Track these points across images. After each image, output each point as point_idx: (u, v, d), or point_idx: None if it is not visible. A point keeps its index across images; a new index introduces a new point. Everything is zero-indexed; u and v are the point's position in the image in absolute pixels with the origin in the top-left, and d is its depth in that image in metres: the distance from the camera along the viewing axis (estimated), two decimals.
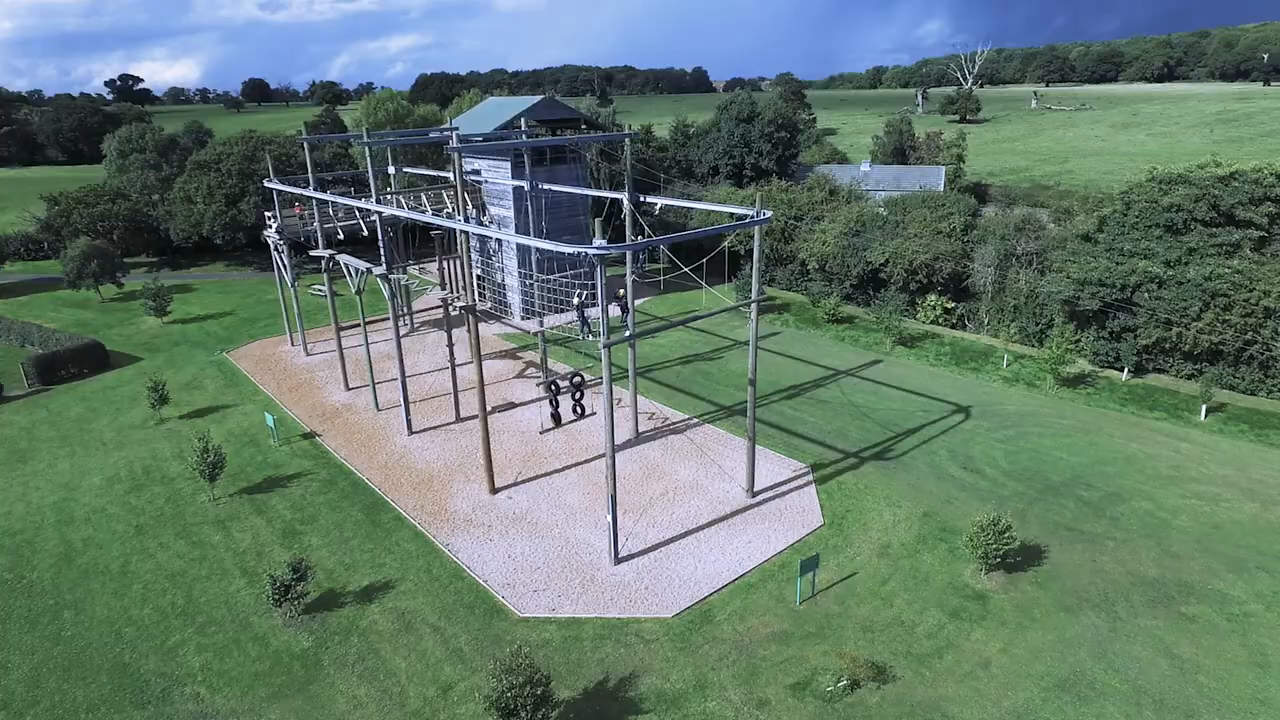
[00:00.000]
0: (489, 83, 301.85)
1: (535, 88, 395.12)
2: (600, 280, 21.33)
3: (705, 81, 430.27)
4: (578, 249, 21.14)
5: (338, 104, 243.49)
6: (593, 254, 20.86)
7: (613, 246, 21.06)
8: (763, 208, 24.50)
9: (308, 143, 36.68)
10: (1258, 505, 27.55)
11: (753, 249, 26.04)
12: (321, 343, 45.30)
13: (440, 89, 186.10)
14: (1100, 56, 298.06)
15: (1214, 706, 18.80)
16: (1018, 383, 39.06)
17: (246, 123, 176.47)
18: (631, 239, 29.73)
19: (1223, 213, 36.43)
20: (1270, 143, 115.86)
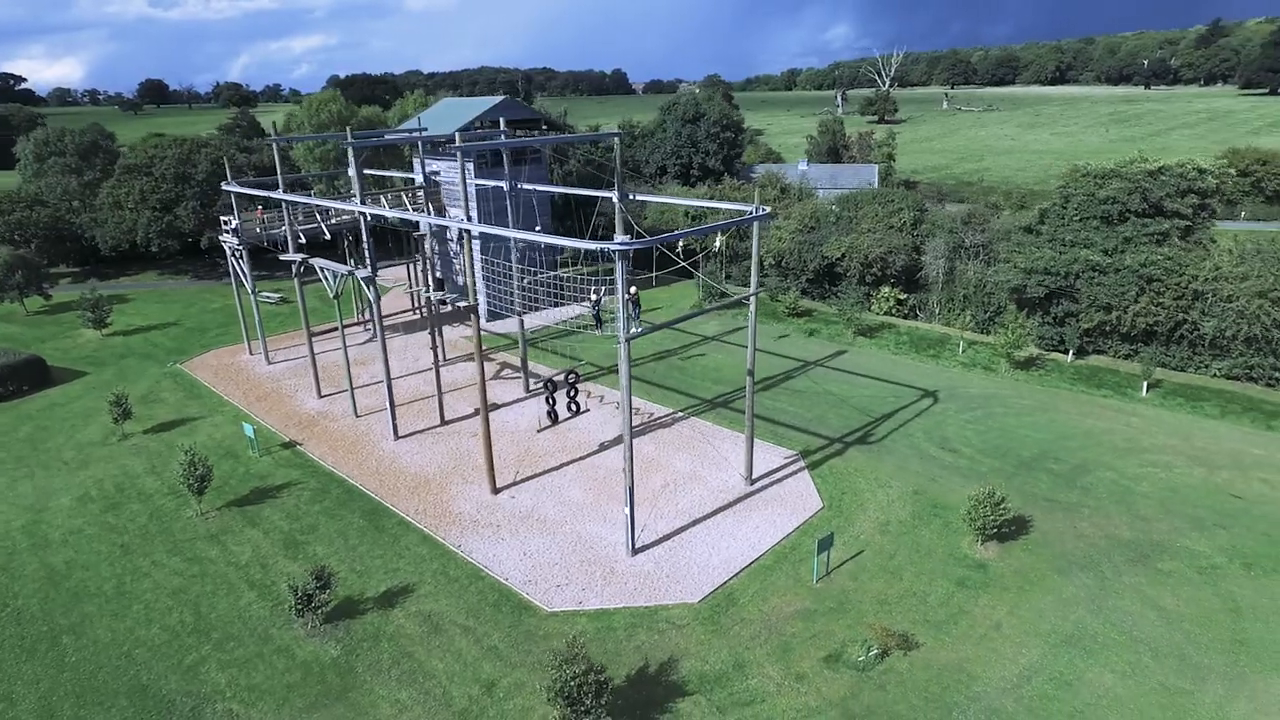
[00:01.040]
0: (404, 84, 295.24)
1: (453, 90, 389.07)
2: (621, 276, 21.74)
3: (625, 83, 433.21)
4: (600, 245, 21.50)
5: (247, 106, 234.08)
6: (615, 250, 21.26)
7: (635, 243, 21.52)
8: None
9: (277, 143, 35.49)
10: (1205, 470, 30.15)
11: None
12: (282, 350, 43.92)
13: (362, 90, 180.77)
14: (998, 60, 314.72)
15: (1201, 650, 20.67)
16: (975, 367, 41.35)
17: (149, 125, 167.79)
18: (623, 237, 30.17)
19: (1152, 204, 39.54)
20: (1160, 141, 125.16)
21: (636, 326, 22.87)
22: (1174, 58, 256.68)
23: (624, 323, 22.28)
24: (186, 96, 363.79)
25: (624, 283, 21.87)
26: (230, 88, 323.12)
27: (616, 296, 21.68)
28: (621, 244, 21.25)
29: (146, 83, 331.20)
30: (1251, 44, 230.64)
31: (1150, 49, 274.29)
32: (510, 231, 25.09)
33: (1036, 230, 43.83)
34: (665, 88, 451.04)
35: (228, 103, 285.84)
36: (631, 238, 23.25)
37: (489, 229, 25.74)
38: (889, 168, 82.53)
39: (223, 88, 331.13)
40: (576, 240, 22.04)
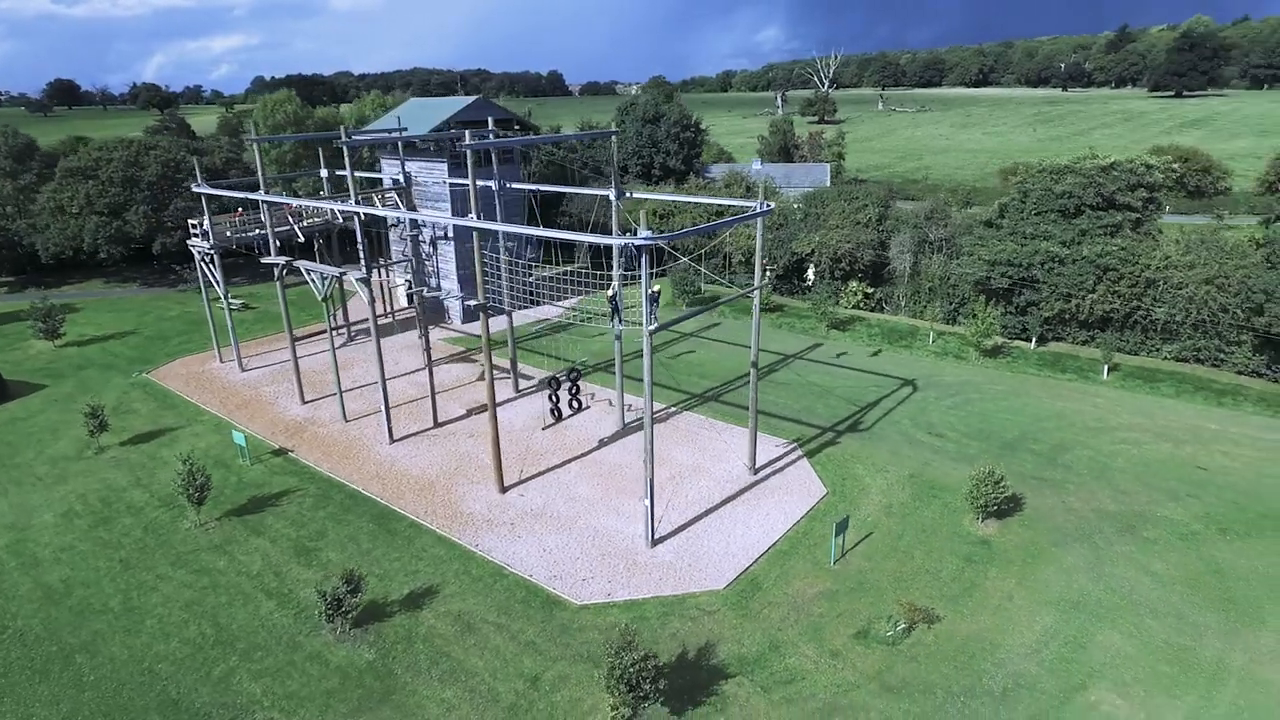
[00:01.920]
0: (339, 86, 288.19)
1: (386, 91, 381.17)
2: (645, 271, 22.09)
3: (561, 85, 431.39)
4: (624, 240, 21.81)
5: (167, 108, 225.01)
6: (638, 245, 21.60)
7: (658, 237, 21.92)
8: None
9: (257, 144, 34.47)
10: (1170, 444, 32.23)
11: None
12: (254, 357, 42.68)
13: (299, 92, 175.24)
14: (925, 63, 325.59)
15: (1195, 609, 22.23)
16: (946, 356, 43.08)
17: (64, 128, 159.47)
18: (617, 233, 30.53)
19: (1105, 198, 41.93)
20: (1084, 140, 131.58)
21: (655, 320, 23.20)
22: (1087, 61, 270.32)
23: (647, 316, 22.63)
24: (100, 98, 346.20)
25: (646, 277, 22.23)
26: (148, 89, 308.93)
27: (614, 290, 21.99)
28: (646, 238, 21.60)
29: (56, 83, 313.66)
30: (1156, 49, 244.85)
31: (1065, 53, 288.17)
32: (530, 229, 25.13)
33: (997, 224, 45.91)
34: (602, 89, 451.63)
35: (147, 104, 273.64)
36: (629, 234, 23.56)
37: (512, 228, 25.69)
38: (839, 167, 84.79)
39: (140, 89, 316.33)
40: (601, 236, 22.29)
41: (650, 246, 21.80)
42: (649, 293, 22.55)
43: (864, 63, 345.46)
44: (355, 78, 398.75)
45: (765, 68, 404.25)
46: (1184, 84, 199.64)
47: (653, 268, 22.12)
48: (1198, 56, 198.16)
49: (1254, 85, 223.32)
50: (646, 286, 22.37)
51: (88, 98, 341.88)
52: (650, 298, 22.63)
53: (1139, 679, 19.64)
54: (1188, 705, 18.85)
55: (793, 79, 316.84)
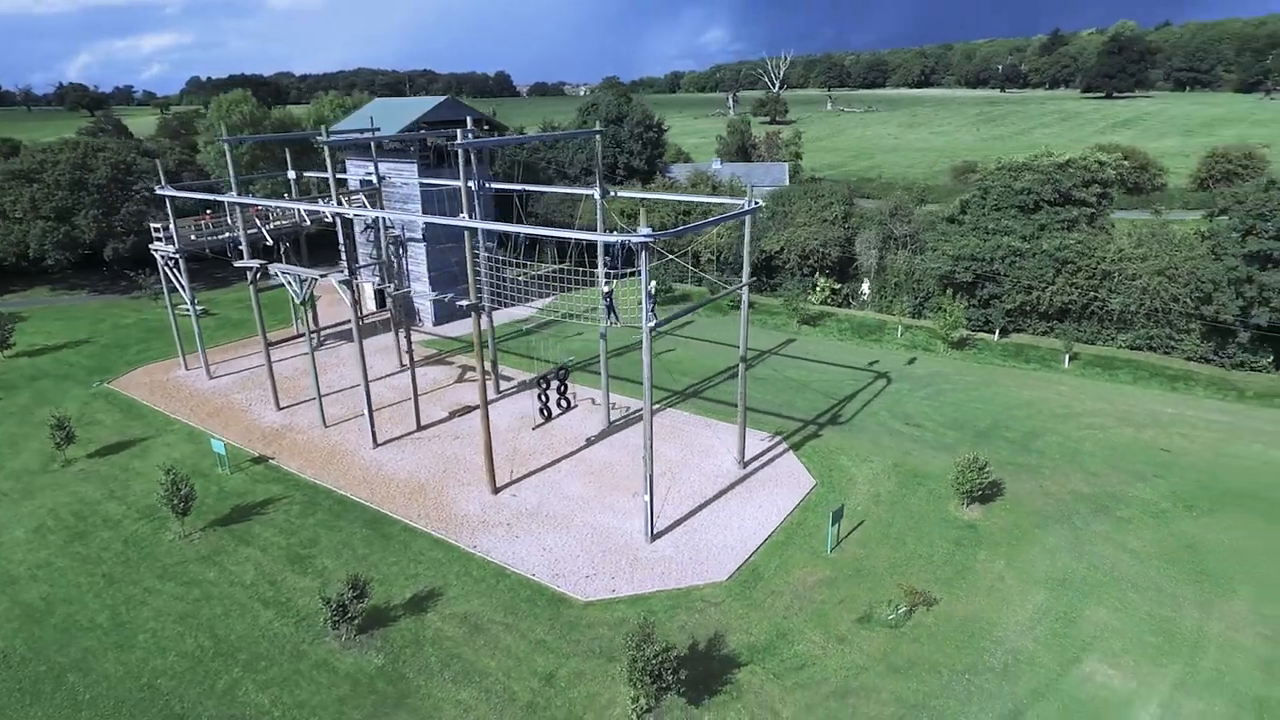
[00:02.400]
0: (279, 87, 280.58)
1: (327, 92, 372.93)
2: (645, 268, 22.29)
3: (509, 85, 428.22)
4: (621, 238, 21.97)
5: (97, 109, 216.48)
6: (636, 242, 21.80)
7: (659, 234, 22.14)
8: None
9: (228, 144, 33.51)
10: (1132, 429, 33.76)
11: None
12: (221, 364, 41.53)
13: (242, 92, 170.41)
14: (869, 64, 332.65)
15: (1172, 582, 23.40)
16: (916, 349, 44.27)
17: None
18: (646, 229, 30.80)
19: (1062, 194, 43.64)
20: (1025, 139, 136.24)
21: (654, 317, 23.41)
22: (1023, 63, 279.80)
23: (646, 314, 22.83)
24: (23, 98, 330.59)
25: (646, 274, 22.43)
26: (75, 89, 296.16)
27: (609, 288, 22.15)
28: (646, 235, 21.80)
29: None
30: (1087, 52, 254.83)
31: (1002, 55, 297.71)
32: (532, 229, 25.06)
33: (959, 220, 47.34)
34: (551, 90, 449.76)
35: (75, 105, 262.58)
36: (614, 231, 23.74)
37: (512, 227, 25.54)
38: (796, 166, 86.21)
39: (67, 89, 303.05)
40: (602, 234, 22.40)
41: (639, 244, 22.01)
42: (648, 290, 22.74)
43: (810, 64, 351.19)
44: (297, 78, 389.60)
45: (713, 68, 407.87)
46: (1114, 85, 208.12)
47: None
48: (1125, 59, 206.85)
49: (1177, 87, 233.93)
50: (646, 284, 22.57)
51: (9, 98, 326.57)
52: (650, 295, 22.83)
53: (1128, 650, 20.62)
54: (1174, 672, 19.86)
55: (741, 79, 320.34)
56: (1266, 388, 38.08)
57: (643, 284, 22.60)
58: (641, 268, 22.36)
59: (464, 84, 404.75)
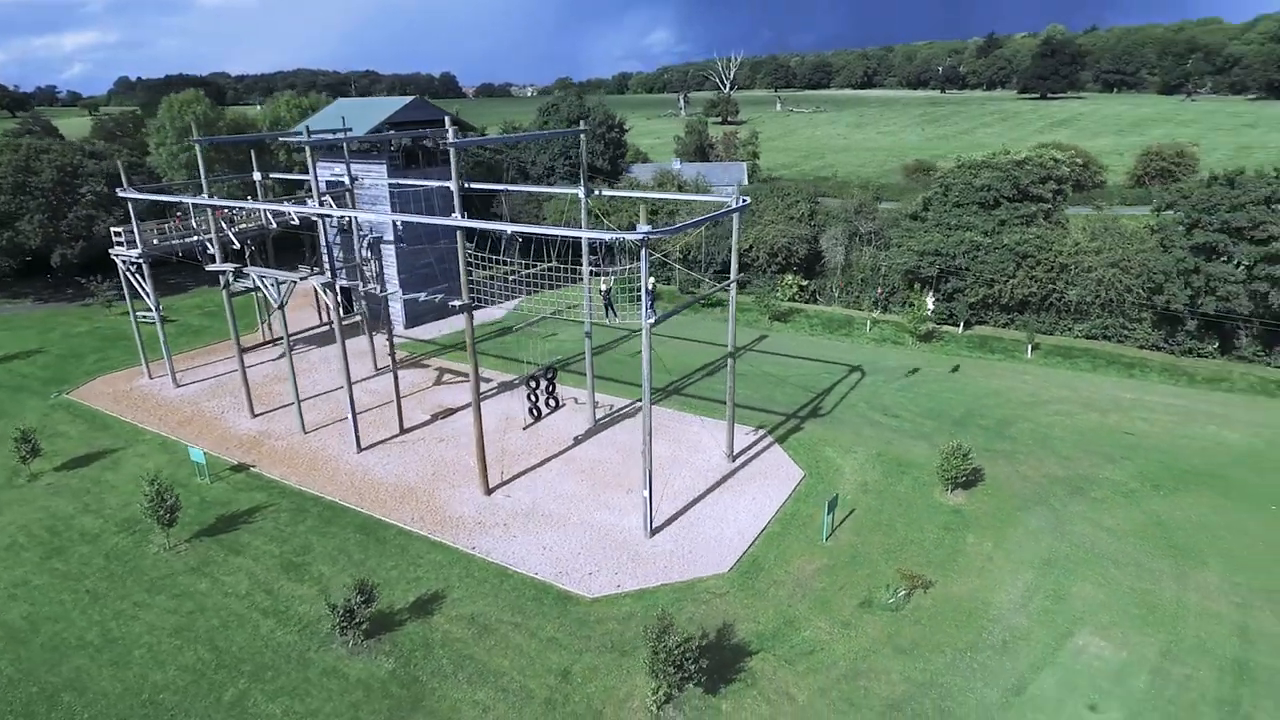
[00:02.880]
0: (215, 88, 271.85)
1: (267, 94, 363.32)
2: (645, 264, 22.51)
3: (455, 86, 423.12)
4: (619, 235, 22.14)
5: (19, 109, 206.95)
6: (635, 239, 22.01)
7: (658, 231, 22.38)
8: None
9: (199, 145, 32.44)
10: (1098, 414, 35.30)
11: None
12: (187, 372, 40.29)
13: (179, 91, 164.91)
14: (814, 66, 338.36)
15: (1149, 557, 24.61)
16: (885, 343, 45.44)
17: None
18: (645, 226, 31.12)
19: (1021, 190, 45.31)
20: (969, 138, 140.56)
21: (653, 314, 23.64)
22: (961, 65, 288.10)
23: (645, 309, 23.05)
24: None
25: (646, 271, 22.65)
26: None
27: (606, 285, 22.21)
28: (644, 232, 22.02)
29: None
30: (1021, 55, 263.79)
31: (941, 57, 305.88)
32: (530, 228, 25.00)
33: (922, 217, 48.75)
34: (497, 91, 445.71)
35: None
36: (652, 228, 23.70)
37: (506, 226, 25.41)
38: (754, 166, 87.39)
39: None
40: (599, 232, 22.53)
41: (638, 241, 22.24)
42: (648, 287, 22.97)
43: (756, 65, 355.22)
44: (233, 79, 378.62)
45: (660, 69, 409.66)
46: (1048, 87, 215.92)
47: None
48: (1058, 62, 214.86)
49: (1106, 89, 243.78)
50: (645, 278, 22.79)
51: None
52: (649, 292, 23.05)
53: (1115, 622, 21.64)
54: (1160, 641, 20.93)
55: (689, 80, 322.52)
56: (1214, 373, 40.18)
57: (643, 281, 22.81)
58: (641, 265, 22.59)
59: (408, 85, 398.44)
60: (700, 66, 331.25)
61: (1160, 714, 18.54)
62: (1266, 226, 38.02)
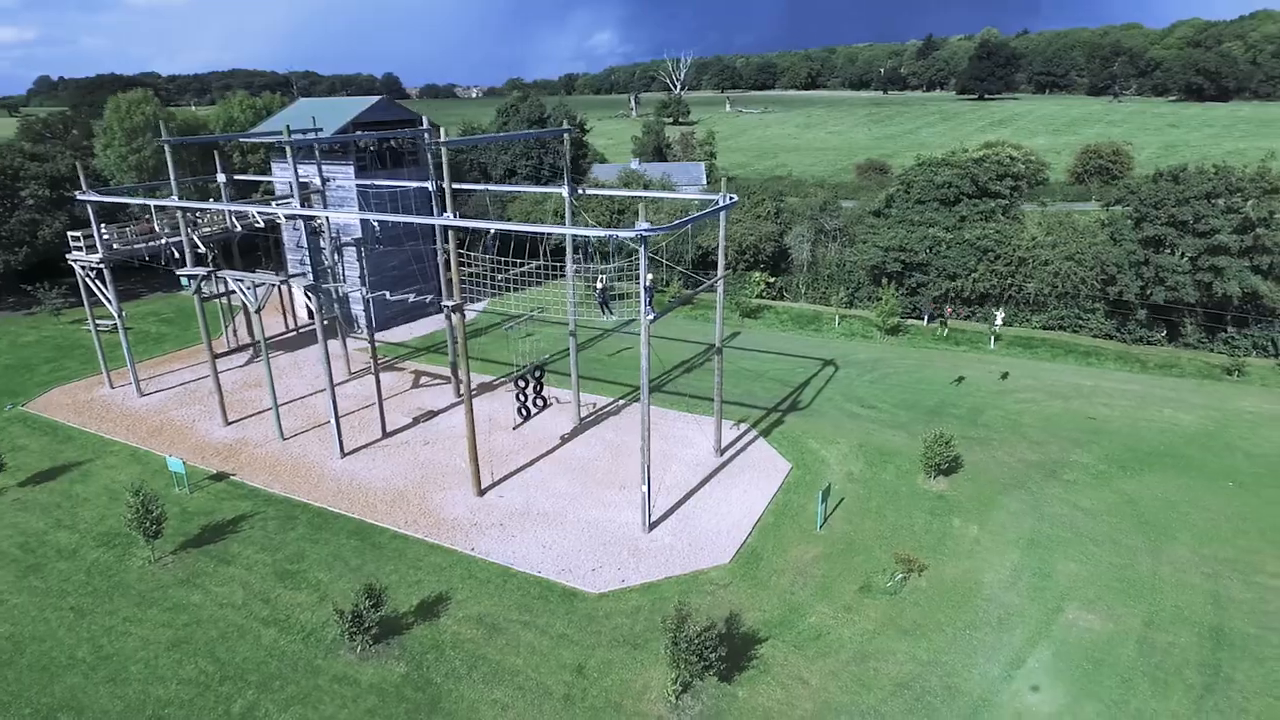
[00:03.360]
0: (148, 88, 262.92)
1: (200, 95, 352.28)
2: (643, 260, 22.75)
3: (399, 88, 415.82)
4: (614, 234, 22.34)
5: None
6: (632, 236, 22.25)
7: (658, 229, 22.64)
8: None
9: (168, 145, 31.32)
10: (1062, 401, 36.85)
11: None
12: (151, 380, 38.96)
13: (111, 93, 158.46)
14: (759, 67, 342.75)
15: (1123, 534, 25.87)
16: (854, 337, 46.55)
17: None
18: (644, 224, 31.13)
19: (980, 187, 46.94)
20: (913, 137, 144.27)
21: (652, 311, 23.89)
22: (901, 66, 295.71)
23: (645, 306, 23.28)
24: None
25: (645, 268, 22.89)
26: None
27: (602, 283, 22.44)
28: (643, 230, 22.26)
29: None
30: (958, 57, 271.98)
31: (882, 59, 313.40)
32: (528, 227, 24.96)
33: (885, 214, 50.07)
34: (441, 92, 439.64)
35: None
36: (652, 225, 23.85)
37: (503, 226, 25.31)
38: (712, 166, 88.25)
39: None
40: (596, 229, 22.63)
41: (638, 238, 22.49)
42: (646, 283, 23.20)
43: (702, 66, 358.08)
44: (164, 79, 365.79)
45: (607, 70, 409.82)
46: (985, 88, 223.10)
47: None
48: (994, 64, 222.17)
49: (1038, 90, 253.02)
50: (645, 275, 23.02)
51: None
52: (648, 289, 23.29)
53: (1100, 596, 22.72)
54: (1143, 612, 22.06)
55: (636, 81, 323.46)
56: (1164, 359, 42.30)
57: (642, 278, 23.04)
58: (640, 262, 22.82)
59: (349, 85, 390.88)
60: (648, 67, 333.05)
61: (1150, 679, 19.57)
62: (1208, 220, 40.22)
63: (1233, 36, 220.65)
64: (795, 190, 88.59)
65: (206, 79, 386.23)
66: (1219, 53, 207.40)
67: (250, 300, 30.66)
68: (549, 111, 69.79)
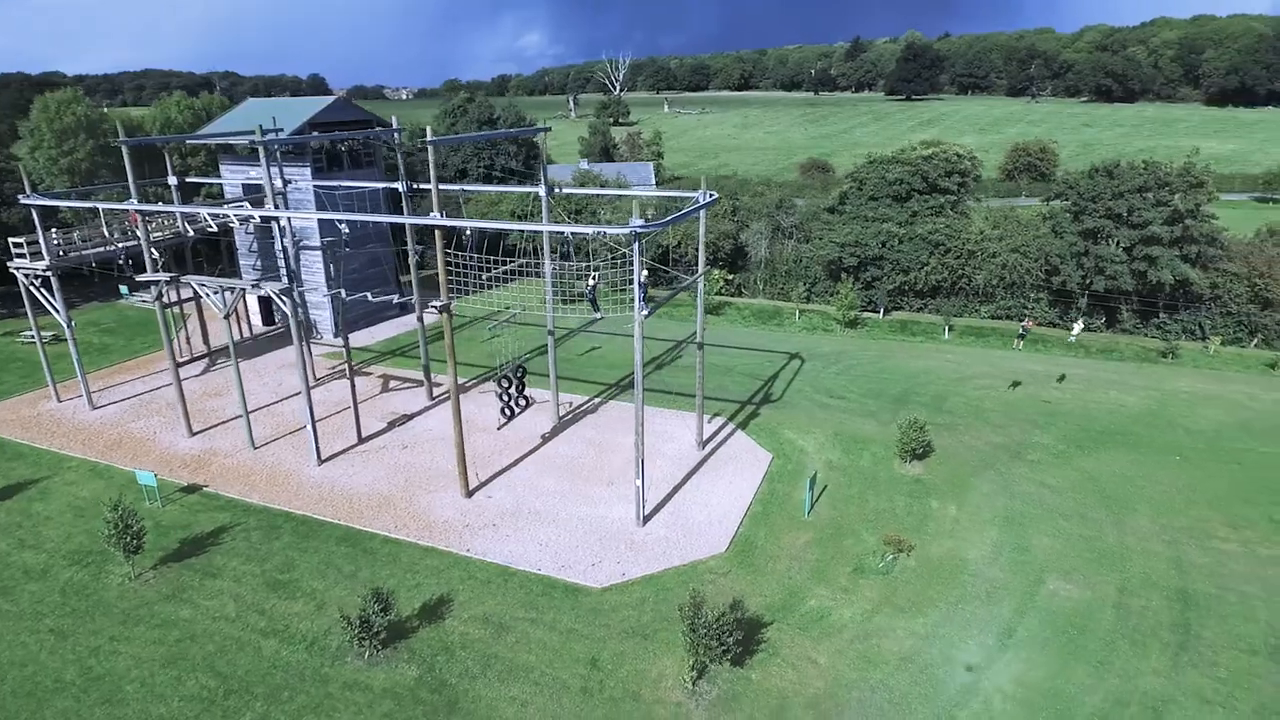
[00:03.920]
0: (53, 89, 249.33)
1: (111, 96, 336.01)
2: (638, 257, 23.05)
3: (325, 89, 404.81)
4: (603, 230, 22.60)
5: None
6: (626, 232, 22.54)
7: (651, 225, 22.97)
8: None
9: (124, 145, 29.91)
10: (1017, 387, 38.65)
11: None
12: (101, 392, 37.27)
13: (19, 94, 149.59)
14: (692, 68, 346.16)
15: (1088, 508, 27.42)
16: (815, 330, 47.78)
17: None
18: (639, 220, 31.25)
19: (930, 183, 48.76)
20: (848, 136, 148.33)
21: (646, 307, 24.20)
22: (832, 68, 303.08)
23: (639, 303, 23.58)
24: None
25: (639, 264, 23.19)
26: None
27: (593, 280, 22.74)
28: (637, 226, 22.56)
29: None
30: (885, 59, 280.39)
31: (812, 60, 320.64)
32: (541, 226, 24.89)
33: (840, 210, 51.52)
34: (370, 94, 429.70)
35: None
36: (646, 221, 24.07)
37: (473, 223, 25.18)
38: (660, 166, 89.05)
39: None
40: (593, 225, 22.81)
41: (632, 235, 22.80)
42: (640, 279, 23.51)
43: (636, 67, 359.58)
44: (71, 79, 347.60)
45: (540, 72, 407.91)
46: (912, 89, 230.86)
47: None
48: (920, 66, 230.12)
49: (961, 91, 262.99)
50: (639, 271, 23.32)
51: None
52: (642, 285, 23.59)
53: (1076, 567, 24.06)
54: (1116, 580, 23.47)
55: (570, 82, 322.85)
56: (1104, 345, 44.80)
57: (636, 274, 23.33)
58: (635, 258, 23.12)
59: (273, 86, 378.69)
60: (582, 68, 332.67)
61: (1129, 641, 20.88)
62: (1141, 213, 42.78)
63: (1136, 41, 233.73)
64: (743, 189, 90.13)
65: (118, 79, 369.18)
66: (1125, 56, 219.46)
67: (218, 306, 29.69)
68: (498, 112, 69.24)
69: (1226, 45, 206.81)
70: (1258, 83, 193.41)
